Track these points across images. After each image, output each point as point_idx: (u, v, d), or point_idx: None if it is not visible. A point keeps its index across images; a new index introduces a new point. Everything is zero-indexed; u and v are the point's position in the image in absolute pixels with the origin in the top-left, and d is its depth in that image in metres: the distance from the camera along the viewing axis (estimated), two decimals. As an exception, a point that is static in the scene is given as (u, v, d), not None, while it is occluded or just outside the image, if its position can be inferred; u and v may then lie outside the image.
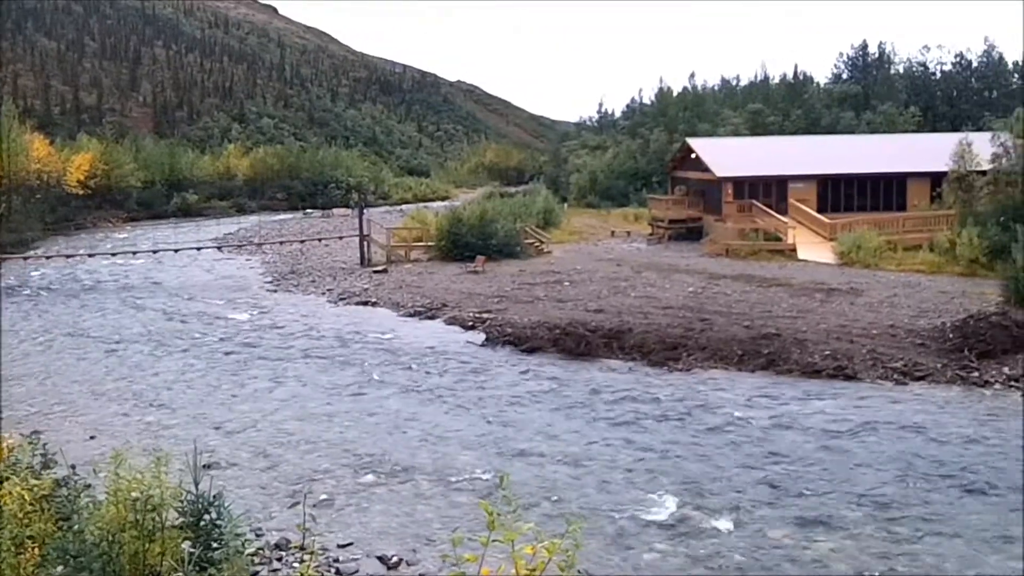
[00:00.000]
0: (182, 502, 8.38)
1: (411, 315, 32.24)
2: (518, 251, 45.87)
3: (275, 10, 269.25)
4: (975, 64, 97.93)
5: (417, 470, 16.34)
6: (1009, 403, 19.98)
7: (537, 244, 48.47)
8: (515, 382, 22.69)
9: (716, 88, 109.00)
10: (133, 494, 7.83)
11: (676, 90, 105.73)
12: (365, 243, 46.82)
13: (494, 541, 4.19)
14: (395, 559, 12.52)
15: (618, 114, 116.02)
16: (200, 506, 8.45)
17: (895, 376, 22.04)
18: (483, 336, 27.93)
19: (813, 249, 43.75)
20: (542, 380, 22.81)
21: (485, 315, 30.56)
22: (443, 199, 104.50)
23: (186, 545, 7.65)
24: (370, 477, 16.05)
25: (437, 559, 12.24)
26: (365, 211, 50.56)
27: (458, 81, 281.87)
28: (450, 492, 15.20)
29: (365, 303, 35.06)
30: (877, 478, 15.60)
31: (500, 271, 40.80)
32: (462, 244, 45.14)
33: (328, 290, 38.69)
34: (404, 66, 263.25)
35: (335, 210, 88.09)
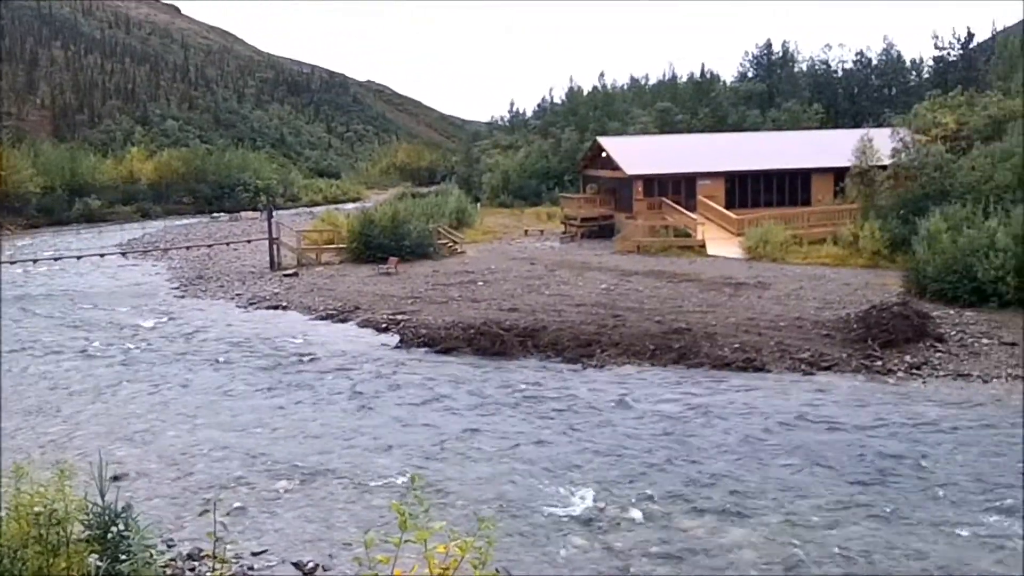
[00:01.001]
0: (88, 515, 8.16)
1: (323, 318, 31.93)
2: (431, 251, 45.78)
3: (177, 10, 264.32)
4: (875, 62, 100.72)
5: (332, 474, 16.17)
6: (911, 390, 20.56)
7: (450, 244, 48.42)
8: (430, 383, 22.61)
9: (625, 87, 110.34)
10: (36, 508, 7.59)
11: (586, 89, 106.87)
12: (274, 246, 46.21)
13: (407, 541, 4.16)
14: (311, 565, 12.37)
15: (529, 113, 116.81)
16: (107, 518, 8.24)
17: (802, 367, 22.53)
18: (397, 338, 27.78)
19: (721, 244, 44.49)
20: (457, 381, 22.78)
21: (399, 317, 30.42)
22: (354, 200, 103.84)
23: (93, 559, 7.46)
24: (284, 483, 15.84)
25: (354, 563, 12.13)
26: (274, 214, 49.92)
27: (367, 81, 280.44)
28: (366, 495, 15.08)
29: (275, 307, 34.61)
30: (787, 467, 15.91)
31: (413, 272, 40.65)
32: (374, 246, 44.86)
33: (237, 295, 38.11)
34: (312, 66, 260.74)
35: (243, 213, 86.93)
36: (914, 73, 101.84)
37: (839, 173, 48.00)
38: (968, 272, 28.11)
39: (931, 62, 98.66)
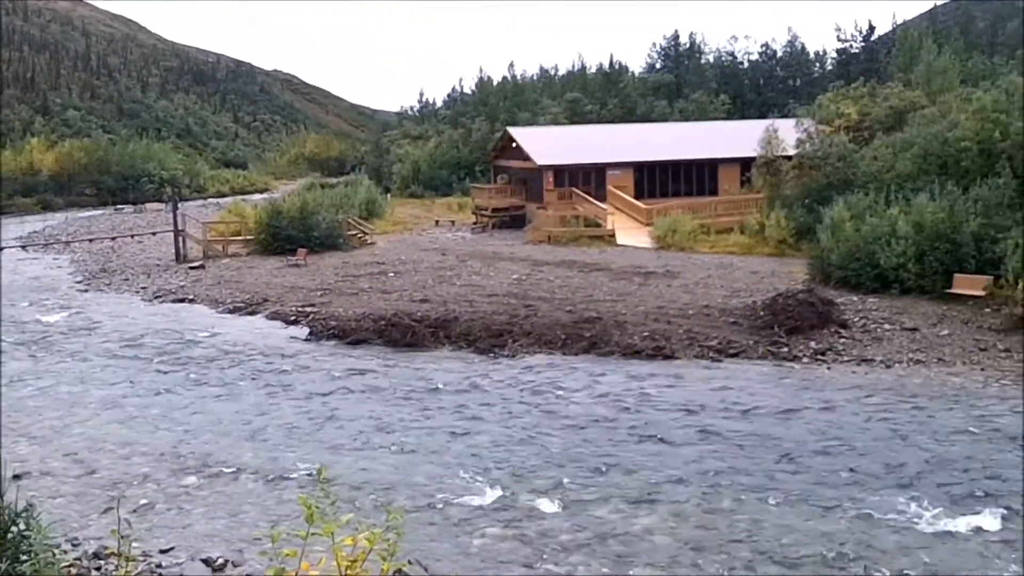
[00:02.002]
0: (-15, 515, 7.88)
1: (231, 311, 31.41)
2: (341, 243, 45.37)
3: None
4: (780, 54, 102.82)
5: (241, 469, 15.92)
6: (817, 376, 21.02)
7: (360, 235, 48.04)
8: (341, 375, 22.41)
9: (535, 78, 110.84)
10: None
11: (496, 80, 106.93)
12: (180, 238, 45.30)
13: (314, 534, 4.10)
14: (220, 561, 12.16)
15: (439, 103, 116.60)
16: (7, 518, 7.96)
17: (711, 354, 22.87)
18: (307, 330, 27.47)
19: (631, 234, 44.93)
20: (368, 372, 22.61)
21: (308, 309, 30.08)
22: (262, 191, 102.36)
23: (-9, 560, 7.20)
24: (192, 479, 15.54)
25: (263, 558, 11.95)
26: (180, 205, 48.95)
27: (275, 70, 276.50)
28: (276, 489, 14.87)
29: (182, 300, 33.94)
30: (698, 453, 16.14)
31: (323, 263, 40.24)
32: (283, 237, 44.29)
33: (142, 288, 37.27)
34: (218, 55, 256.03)
35: (148, 205, 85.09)
36: (818, 65, 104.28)
37: (745, 163, 48.79)
38: (871, 259, 28.83)
39: (834, 54, 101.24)
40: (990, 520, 12.98)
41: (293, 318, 29.27)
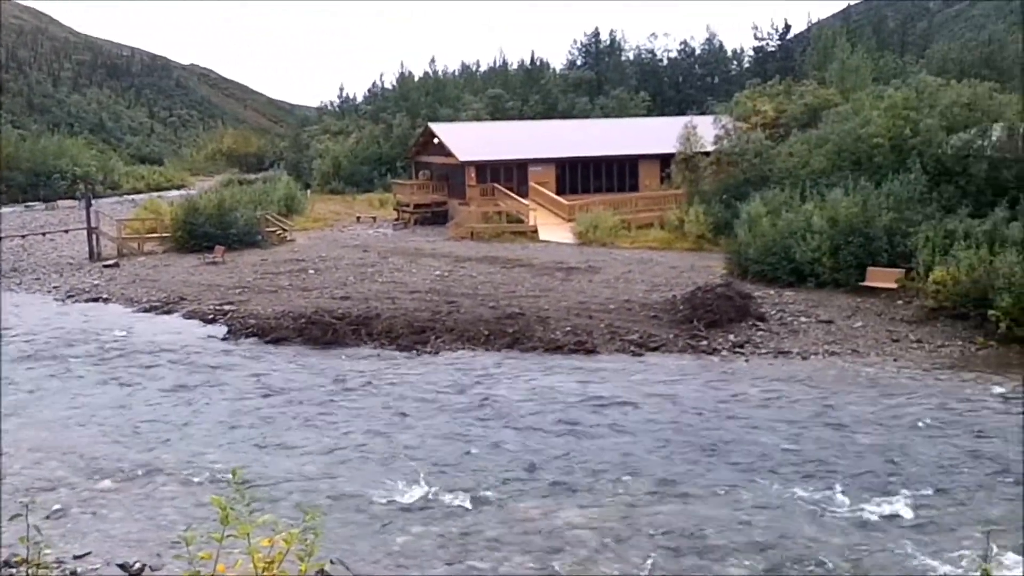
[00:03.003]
0: None
1: (146, 310, 30.79)
2: (260, 240, 44.78)
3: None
4: (699, 52, 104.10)
5: (159, 472, 15.61)
6: (735, 368, 21.34)
7: (280, 232, 47.47)
8: (259, 375, 22.11)
9: (456, 73, 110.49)
10: None
11: (417, 75, 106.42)
12: (94, 236, 44.25)
13: (230, 536, 4.03)
14: (137, 565, 11.92)
15: (360, 98, 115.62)
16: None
17: (632, 348, 23.07)
18: (225, 329, 27.05)
19: (553, 230, 45.12)
20: (287, 371, 22.36)
21: (226, 307, 29.64)
22: (179, 188, 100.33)
23: None
24: (107, 483, 15.19)
25: (182, 561, 11.72)
26: (93, 202, 47.85)
27: (191, 65, 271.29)
28: (195, 492, 14.60)
29: (96, 299, 33.17)
30: (618, 446, 16.26)
31: (241, 261, 39.68)
32: (200, 234, 43.54)
33: (55, 287, 36.34)
34: (132, 49, 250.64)
35: (61, 202, 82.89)
36: (735, 63, 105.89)
37: (665, 159, 49.28)
38: (787, 254, 29.36)
39: (751, 52, 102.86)
40: (903, 507, 13.30)
41: (211, 317, 28.81)
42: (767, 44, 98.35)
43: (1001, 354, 21.73)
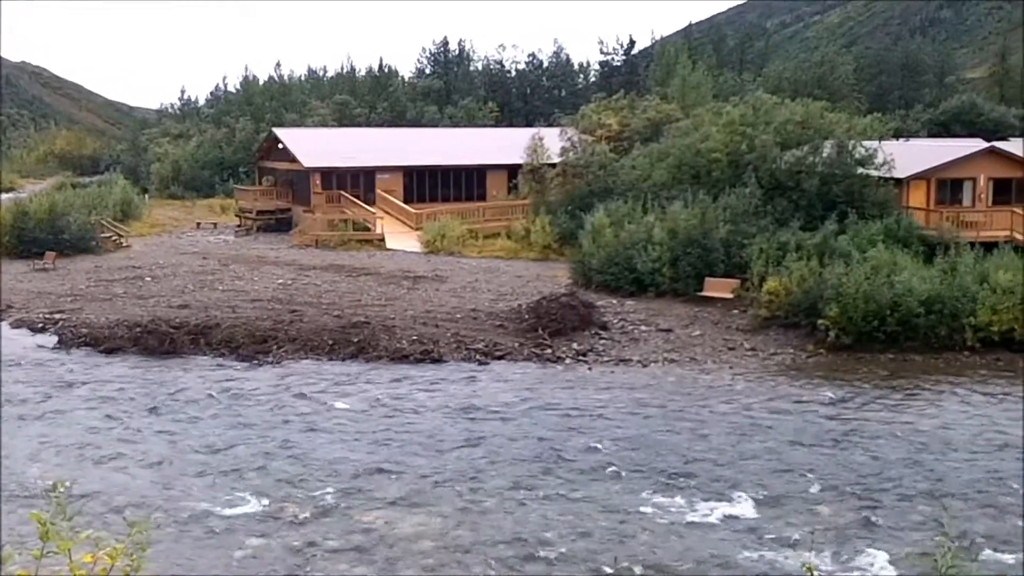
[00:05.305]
0: None
1: (-30, 318, 29.18)
2: (94, 246, 43.07)
3: None
4: (546, 64, 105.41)
5: (-21, 487, 14.79)
6: (579, 376, 21.65)
7: (115, 238, 45.75)
8: (91, 386, 21.23)
9: (303, 78, 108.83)
10: None
11: (262, 79, 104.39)
12: (-88, 240, 41.74)
13: (50, 553, 3.82)
14: (-47, 587, 11.23)
15: (202, 101, 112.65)
16: None
17: (477, 357, 23.15)
18: (55, 338, 25.86)
19: (400, 238, 44.89)
20: (121, 382, 21.54)
21: (57, 315, 28.36)
22: (8, 191, 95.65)
23: None
24: (-79, 499, 14.30)
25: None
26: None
27: (22, 62, 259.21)
28: (18, 508, 13.88)
29: (-87, 306, 31.23)
30: (462, 455, 16.28)
31: (74, 267, 38.08)
32: (29, 239, 41.57)
33: None
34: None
35: None
36: (582, 76, 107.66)
37: (512, 170, 49.68)
38: (629, 264, 29.99)
39: (597, 66, 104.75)
40: (741, 508, 13.74)
41: (40, 325, 27.51)
42: (612, 59, 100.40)
43: (830, 361, 22.74)
